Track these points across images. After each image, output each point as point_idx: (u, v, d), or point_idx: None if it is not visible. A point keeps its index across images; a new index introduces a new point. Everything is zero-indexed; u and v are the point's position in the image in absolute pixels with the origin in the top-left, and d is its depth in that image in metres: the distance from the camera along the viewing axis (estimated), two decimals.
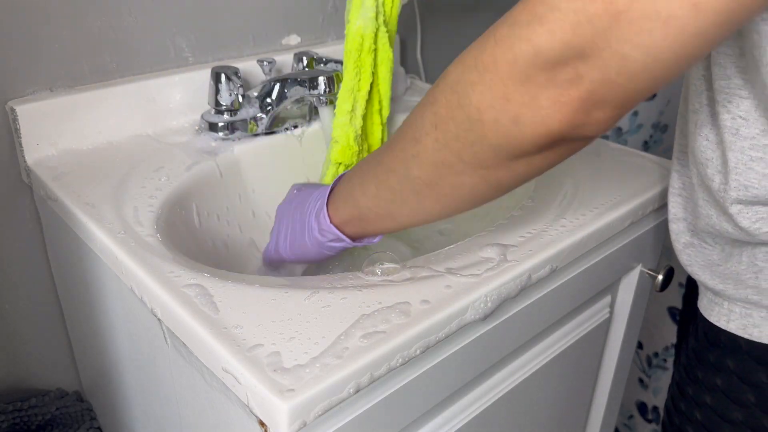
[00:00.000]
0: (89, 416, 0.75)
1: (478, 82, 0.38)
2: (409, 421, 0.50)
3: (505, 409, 0.61)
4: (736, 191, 0.48)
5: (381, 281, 0.49)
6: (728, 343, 0.53)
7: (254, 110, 0.74)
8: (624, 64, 0.34)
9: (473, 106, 0.39)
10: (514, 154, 0.40)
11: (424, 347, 0.46)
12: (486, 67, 0.37)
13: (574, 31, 0.34)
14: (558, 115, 0.36)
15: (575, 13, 0.33)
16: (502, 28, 0.37)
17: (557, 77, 0.35)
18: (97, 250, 0.56)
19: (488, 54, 0.37)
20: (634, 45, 0.33)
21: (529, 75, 0.36)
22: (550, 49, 0.35)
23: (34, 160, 0.66)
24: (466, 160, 0.41)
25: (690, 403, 0.57)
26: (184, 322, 0.45)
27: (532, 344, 0.62)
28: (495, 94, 0.37)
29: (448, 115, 0.40)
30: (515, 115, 0.37)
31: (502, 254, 0.53)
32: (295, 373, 0.40)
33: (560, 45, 0.34)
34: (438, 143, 0.42)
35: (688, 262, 0.57)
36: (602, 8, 0.32)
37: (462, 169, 0.42)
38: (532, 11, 0.35)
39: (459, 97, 0.39)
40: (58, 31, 0.66)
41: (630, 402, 1.28)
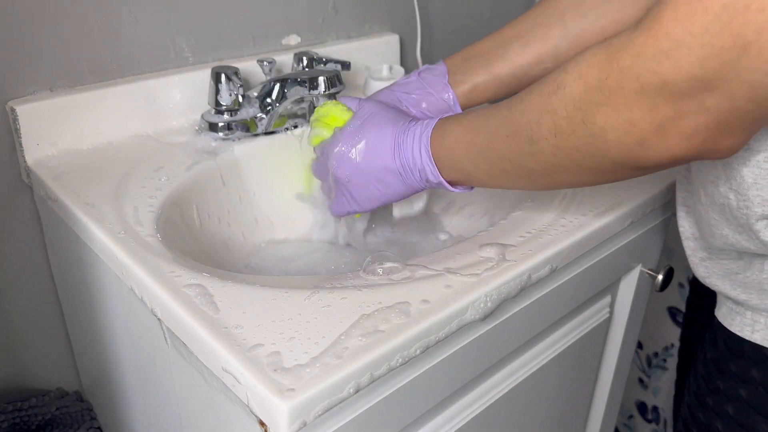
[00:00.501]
0: (89, 416, 0.75)
1: (604, 104, 0.39)
2: (409, 421, 0.50)
3: (505, 409, 0.61)
4: (761, 207, 0.46)
5: (381, 281, 0.49)
6: (753, 354, 0.52)
7: (254, 110, 0.74)
8: (753, 92, 0.35)
9: (597, 125, 0.40)
10: (634, 168, 0.41)
11: (424, 347, 0.46)
12: (612, 91, 0.38)
13: (702, 64, 0.34)
14: (685, 144, 0.38)
15: (702, 47, 0.34)
16: (625, 57, 0.37)
17: (684, 108, 0.36)
18: (97, 250, 0.56)
19: (614, 80, 0.38)
20: (764, 72, 0.34)
21: (656, 105, 0.37)
22: (678, 81, 0.35)
23: (34, 160, 0.66)
24: (583, 166, 0.43)
25: (710, 414, 0.56)
26: (184, 322, 0.45)
27: (532, 344, 0.62)
28: (621, 118, 0.38)
29: (569, 128, 0.41)
30: (641, 139, 0.38)
31: (502, 254, 0.53)
32: (295, 373, 0.40)
33: (687, 77, 0.35)
34: (557, 149, 0.43)
35: (705, 274, 0.56)
36: (730, 42, 0.33)
37: (578, 171, 0.44)
38: (657, 45, 0.35)
39: (583, 115, 0.40)
40: (58, 31, 0.66)
41: (630, 402, 1.28)
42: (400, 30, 0.97)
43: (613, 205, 0.62)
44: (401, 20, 0.98)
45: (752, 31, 0.33)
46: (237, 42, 0.80)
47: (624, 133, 0.39)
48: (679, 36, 0.34)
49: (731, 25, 0.33)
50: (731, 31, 0.33)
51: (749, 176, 0.46)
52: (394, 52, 0.96)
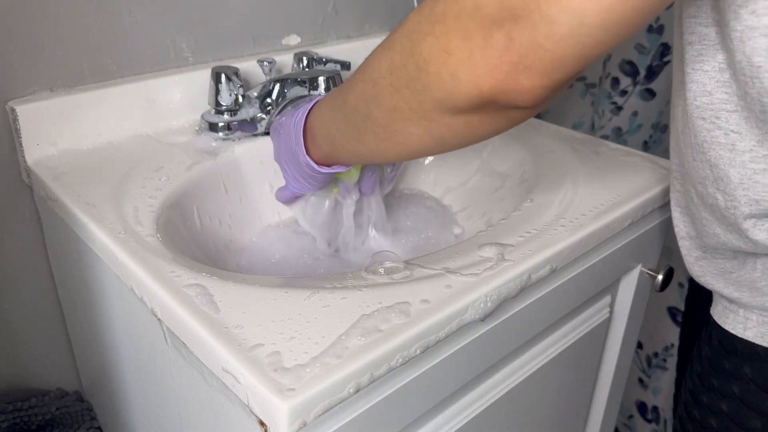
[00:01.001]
0: (89, 416, 0.75)
1: (429, 33, 0.39)
2: (409, 421, 0.50)
3: (505, 409, 0.61)
4: (747, 207, 0.47)
5: (381, 281, 0.49)
6: (745, 351, 0.52)
7: (254, 110, 0.74)
8: (551, 28, 0.35)
9: (422, 55, 0.40)
10: (451, 109, 0.41)
11: (424, 347, 0.46)
12: (437, 18, 0.39)
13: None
14: (488, 76, 0.38)
15: None
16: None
17: (492, 38, 0.36)
18: (97, 250, 0.56)
19: (440, 7, 0.39)
20: (562, 7, 0.34)
21: (469, 31, 0.37)
22: (488, 5, 0.36)
23: (34, 160, 0.66)
24: (413, 108, 0.43)
25: (705, 411, 0.57)
26: (184, 322, 0.45)
27: (532, 344, 0.62)
28: (440, 47, 0.39)
29: (401, 62, 0.42)
30: (453, 70, 0.39)
31: (502, 254, 0.53)
32: (295, 373, 0.40)
33: (497, 3, 0.36)
34: (392, 88, 0.43)
35: (700, 273, 0.56)
36: None
37: (410, 116, 0.44)
38: None
39: (412, 46, 0.41)
40: (58, 31, 0.66)
41: (630, 402, 1.28)
42: None
43: (613, 205, 0.62)
44: (401, 20, 0.97)
45: None
46: (237, 42, 0.80)
47: (441, 63, 0.39)
48: None
49: None
50: None
51: (735, 176, 0.46)
52: None
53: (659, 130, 1.13)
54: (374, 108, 0.46)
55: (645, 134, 1.13)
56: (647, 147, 1.14)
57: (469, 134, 0.44)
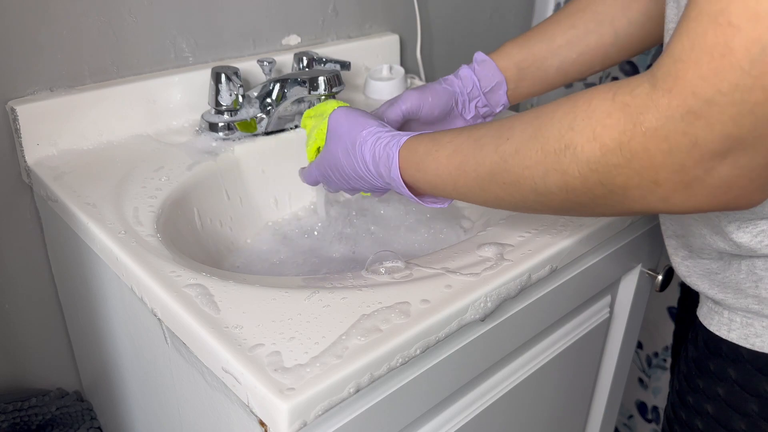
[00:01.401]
0: (89, 416, 0.75)
1: (624, 167, 0.37)
2: (409, 421, 0.50)
3: (505, 409, 0.61)
4: None
5: (381, 281, 0.49)
6: (729, 353, 0.52)
7: (254, 110, 0.74)
8: None
9: (617, 185, 0.38)
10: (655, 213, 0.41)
11: (424, 347, 0.46)
12: (634, 154, 0.36)
13: (735, 123, 0.33)
14: (711, 199, 0.37)
15: (734, 105, 0.33)
16: (650, 119, 0.35)
17: (716, 170, 0.35)
18: (97, 250, 0.56)
19: (637, 143, 0.36)
20: None
21: (684, 166, 0.35)
22: (709, 142, 0.34)
23: (35, 160, 0.66)
24: (598, 212, 0.42)
25: (691, 412, 0.57)
26: (184, 322, 0.45)
27: (532, 344, 0.62)
28: (644, 179, 0.37)
29: (583, 187, 0.40)
30: (665, 197, 0.37)
31: (502, 254, 0.53)
32: (295, 373, 0.40)
33: (721, 137, 0.34)
34: (569, 201, 0.42)
35: (686, 273, 0.56)
36: (764, 96, 0.32)
37: (592, 213, 0.43)
38: (686, 107, 0.34)
39: (600, 177, 0.39)
40: (58, 31, 0.66)
41: (630, 402, 1.28)
42: (400, 30, 0.97)
43: None
44: (401, 20, 0.98)
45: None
46: (237, 42, 0.80)
47: (648, 192, 0.37)
48: (708, 94, 0.33)
49: (762, 80, 0.32)
50: (763, 85, 0.32)
51: None
52: (394, 52, 0.96)
53: None
54: (536, 205, 0.45)
55: None
56: None
57: None
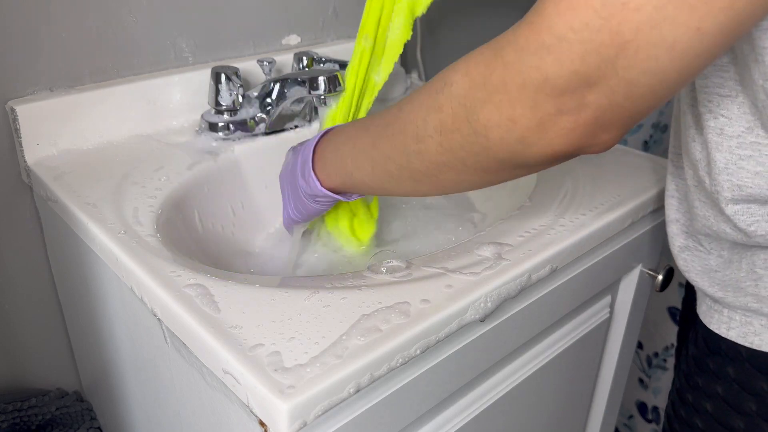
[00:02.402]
0: (89, 416, 0.75)
1: (486, 101, 0.38)
2: (409, 421, 0.50)
3: (505, 409, 0.61)
4: (730, 191, 0.47)
5: (381, 281, 0.49)
6: (729, 351, 0.53)
7: (254, 110, 0.74)
8: (631, 89, 0.35)
9: (480, 122, 0.39)
10: (517, 166, 0.41)
11: (424, 347, 0.46)
12: (495, 88, 0.38)
13: (582, 60, 0.34)
14: (564, 139, 0.38)
15: (582, 43, 0.34)
16: (510, 53, 0.37)
17: (564, 104, 0.36)
18: (97, 250, 0.56)
19: (497, 76, 0.37)
20: (641, 71, 0.34)
21: (537, 101, 0.36)
22: (558, 77, 0.35)
23: (34, 160, 0.66)
24: (468, 165, 0.43)
25: (690, 410, 0.57)
26: (184, 322, 0.45)
27: (532, 344, 0.62)
28: (503, 115, 0.38)
29: (453, 126, 0.41)
30: (522, 136, 0.38)
31: (502, 254, 0.53)
32: (295, 373, 0.40)
33: (568, 73, 0.35)
34: (442, 147, 0.43)
35: (685, 267, 0.56)
36: (609, 38, 0.33)
37: (463, 170, 0.43)
38: (540, 40, 0.35)
39: (467, 112, 0.40)
40: (58, 31, 0.66)
41: (630, 402, 1.28)
42: None
43: (613, 205, 0.62)
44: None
45: (629, 29, 0.33)
46: (237, 42, 0.80)
47: (506, 130, 0.38)
48: (561, 31, 0.34)
49: (610, 22, 0.33)
50: (610, 27, 0.33)
51: (721, 161, 0.47)
52: None
53: (659, 130, 1.13)
54: (416, 161, 0.45)
55: (645, 134, 1.13)
56: (647, 147, 1.14)
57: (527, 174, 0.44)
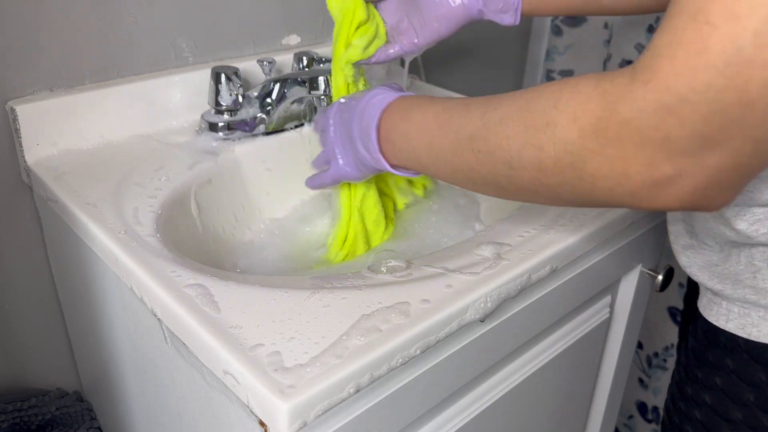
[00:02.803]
0: (89, 416, 0.75)
1: (597, 153, 0.37)
2: (409, 421, 0.50)
3: (505, 409, 0.61)
4: None
5: (381, 280, 0.49)
6: (727, 343, 0.53)
7: (254, 110, 0.74)
8: (756, 148, 0.34)
9: (588, 172, 0.38)
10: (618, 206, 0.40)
11: (424, 347, 0.46)
12: (609, 142, 0.36)
13: (706, 121, 0.33)
14: (677, 199, 0.37)
15: (706, 104, 0.33)
16: (626, 110, 0.35)
17: (684, 166, 0.35)
18: (97, 250, 0.56)
19: (613, 131, 0.36)
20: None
21: (654, 160, 0.35)
22: (680, 138, 0.34)
23: (34, 160, 0.66)
24: (564, 198, 0.42)
25: (689, 403, 0.58)
26: (184, 322, 0.45)
27: (532, 344, 0.62)
28: (615, 169, 0.37)
29: (555, 168, 0.40)
30: (633, 191, 0.37)
31: (502, 254, 0.53)
32: (295, 373, 0.40)
33: (691, 135, 0.34)
34: (538, 181, 0.42)
35: (687, 263, 0.57)
36: (735, 98, 0.32)
37: (557, 200, 0.43)
38: (659, 100, 0.34)
39: (573, 159, 0.38)
40: (58, 31, 0.66)
41: (630, 402, 1.28)
42: None
43: None
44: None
45: (756, 86, 0.32)
46: (237, 42, 0.80)
47: (617, 183, 0.37)
48: (682, 92, 0.33)
49: (735, 81, 0.32)
50: (735, 87, 0.32)
51: None
52: None
53: None
54: (504, 181, 0.44)
55: None
56: None
57: None
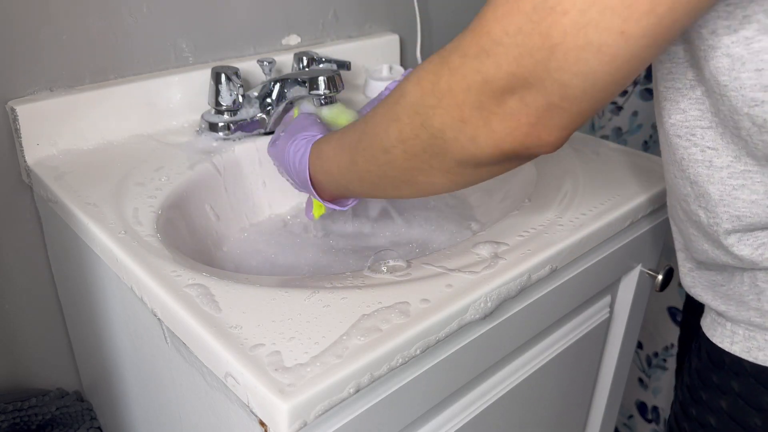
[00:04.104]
0: (89, 416, 0.75)
1: (437, 106, 0.41)
2: (409, 421, 0.50)
3: (505, 409, 0.61)
4: (729, 223, 0.46)
5: (381, 280, 0.49)
6: (732, 365, 0.52)
7: (254, 110, 0.74)
8: (565, 91, 0.37)
9: (435, 126, 0.42)
10: (474, 165, 0.44)
11: (424, 347, 0.46)
12: (443, 93, 0.41)
13: (518, 62, 0.37)
14: (509, 138, 0.40)
15: (517, 46, 0.36)
16: (454, 58, 0.40)
17: (506, 104, 0.38)
18: (97, 250, 0.56)
19: (444, 82, 0.40)
20: (573, 74, 0.36)
21: (482, 101, 0.39)
22: (497, 79, 0.38)
23: (35, 160, 0.66)
24: (434, 166, 0.45)
25: (694, 425, 0.56)
26: (184, 322, 0.45)
27: (532, 344, 0.62)
28: (453, 117, 0.41)
29: (412, 133, 0.44)
30: (472, 135, 0.41)
31: (502, 254, 0.53)
32: (295, 373, 0.40)
33: (506, 75, 0.37)
34: (407, 154, 0.45)
35: (691, 283, 0.56)
36: (540, 41, 0.35)
37: (431, 172, 0.46)
38: (479, 44, 0.38)
39: (422, 119, 0.43)
40: (59, 32, 0.66)
41: (630, 402, 1.28)
42: (400, 30, 0.98)
43: (613, 205, 0.62)
44: (401, 20, 0.98)
45: (558, 32, 0.34)
46: (237, 42, 0.80)
47: (458, 131, 0.41)
48: (498, 35, 0.37)
49: (540, 26, 0.35)
50: (540, 31, 0.35)
51: (715, 193, 0.46)
52: (394, 52, 0.96)
53: None
54: (389, 170, 0.48)
55: (645, 134, 1.13)
56: (647, 147, 1.14)
57: (491, 175, 0.46)
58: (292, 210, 0.75)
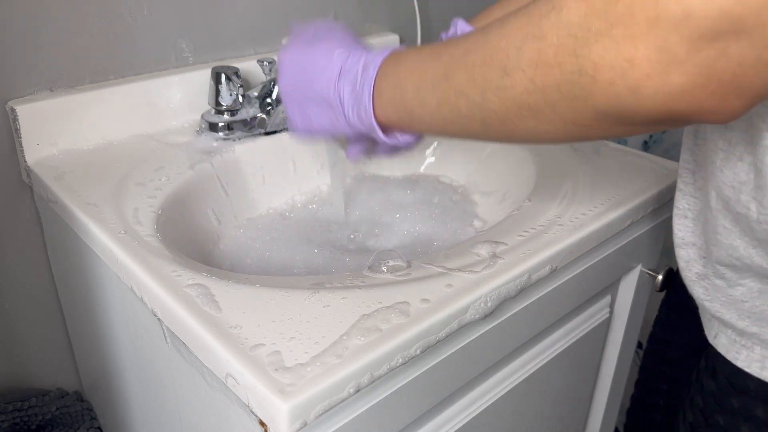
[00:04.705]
0: (89, 416, 0.75)
1: (604, 34, 0.31)
2: (409, 421, 0.50)
3: (505, 409, 0.61)
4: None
5: (381, 280, 0.49)
6: (760, 391, 0.47)
7: (254, 110, 0.74)
8: None
9: (590, 59, 0.32)
10: (616, 120, 0.34)
11: (424, 347, 0.46)
12: (619, 19, 0.31)
13: None
14: (687, 96, 0.31)
15: None
16: None
17: (701, 52, 0.29)
18: (98, 250, 0.56)
19: (625, 5, 0.30)
20: None
21: (668, 42, 0.30)
22: (704, 16, 0.28)
23: (35, 160, 0.66)
24: (558, 112, 0.36)
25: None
26: (184, 322, 0.45)
27: (532, 344, 0.62)
28: (621, 55, 0.31)
29: (555, 59, 0.34)
30: (636, 84, 0.31)
31: (502, 254, 0.53)
32: (295, 373, 0.40)
33: (718, 13, 0.28)
34: (533, 85, 0.35)
35: (705, 297, 0.50)
36: None
37: (550, 119, 0.36)
38: None
39: (576, 44, 0.33)
40: (59, 31, 0.66)
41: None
42: (400, 30, 0.98)
43: (613, 205, 0.62)
44: (401, 20, 0.98)
45: None
46: (237, 42, 0.80)
47: (619, 74, 0.31)
48: None
49: None
50: None
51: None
52: None
53: None
54: (494, 98, 0.38)
55: (645, 134, 1.13)
56: (647, 147, 1.14)
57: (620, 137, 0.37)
58: (293, 209, 0.75)
